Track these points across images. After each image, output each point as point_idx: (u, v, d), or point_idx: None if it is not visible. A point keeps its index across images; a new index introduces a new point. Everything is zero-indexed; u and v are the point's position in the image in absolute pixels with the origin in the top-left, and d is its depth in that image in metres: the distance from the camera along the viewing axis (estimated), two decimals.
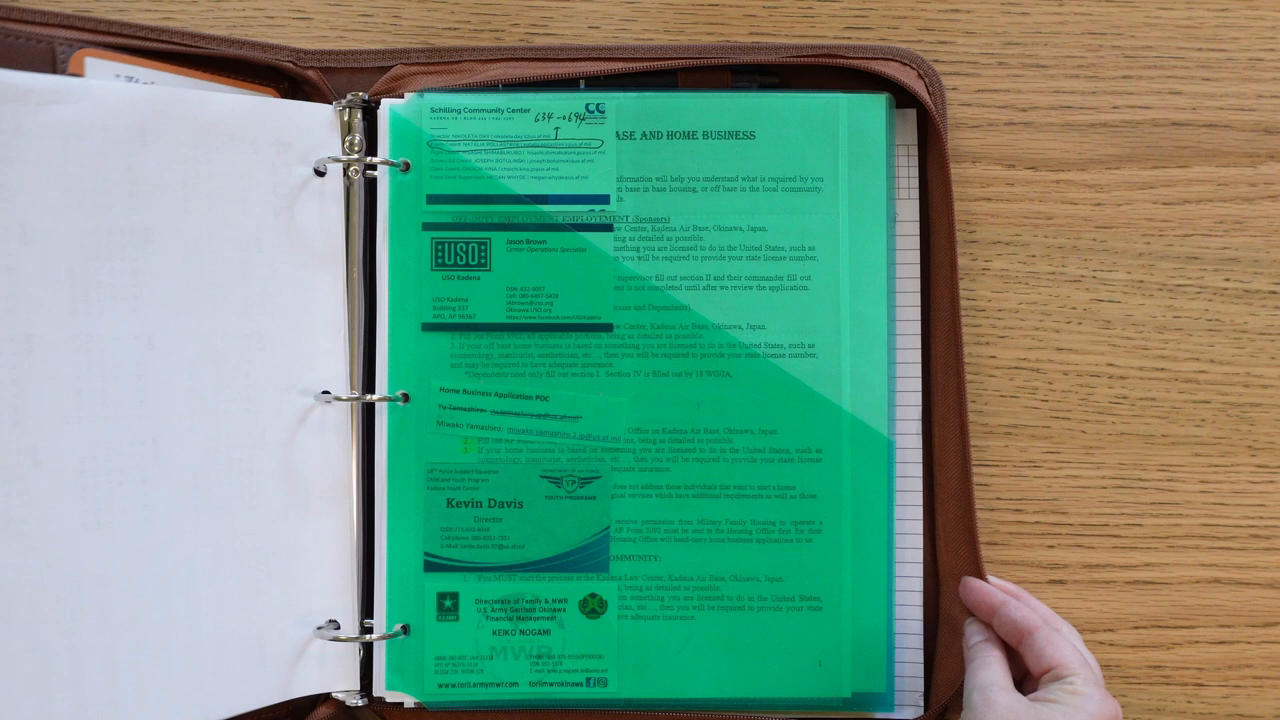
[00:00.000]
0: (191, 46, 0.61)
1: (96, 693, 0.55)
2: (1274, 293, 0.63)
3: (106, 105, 0.56)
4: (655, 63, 0.62)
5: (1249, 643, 0.63)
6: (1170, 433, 0.63)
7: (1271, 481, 0.63)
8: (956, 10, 0.64)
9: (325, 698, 0.60)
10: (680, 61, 0.62)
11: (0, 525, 0.53)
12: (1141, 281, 0.63)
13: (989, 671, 0.55)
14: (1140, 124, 0.64)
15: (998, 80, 0.64)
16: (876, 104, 0.61)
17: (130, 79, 0.59)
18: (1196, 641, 0.60)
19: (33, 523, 0.54)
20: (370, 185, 0.61)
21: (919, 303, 0.62)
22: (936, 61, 0.64)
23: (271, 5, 0.63)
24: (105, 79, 0.59)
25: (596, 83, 0.62)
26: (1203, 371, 0.63)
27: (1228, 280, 0.63)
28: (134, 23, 0.61)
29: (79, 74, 0.59)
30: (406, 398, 0.60)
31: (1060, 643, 0.55)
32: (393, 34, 0.64)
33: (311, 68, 0.62)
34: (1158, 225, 0.64)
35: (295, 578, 0.59)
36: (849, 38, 0.64)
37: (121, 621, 0.56)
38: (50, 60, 0.58)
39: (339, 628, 0.60)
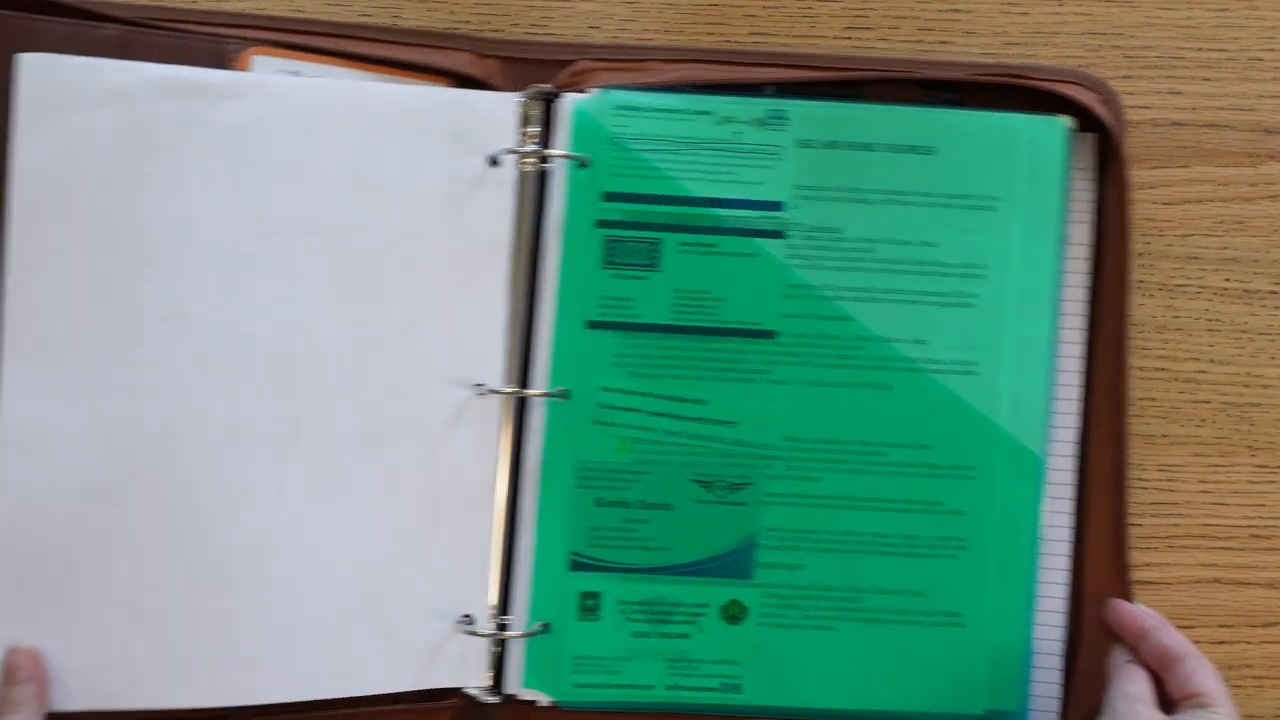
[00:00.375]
0: (370, 39, 0.61)
1: (211, 652, 0.57)
2: (1274, 293, 0.63)
3: (279, 100, 0.58)
4: (843, 73, 0.62)
5: (1249, 643, 0.63)
6: (1170, 433, 0.63)
7: (1271, 481, 0.63)
8: (956, 10, 0.64)
9: (454, 691, 0.60)
10: (867, 73, 0.62)
11: (140, 490, 0.57)
12: (1141, 281, 0.63)
13: (1137, 686, 0.56)
14: (1140, 124, 0.64)
15: None
16: (1057, 128, 0.60)
17: (296, 74, 0.60)
18: (1196, 641, 0.60)
19: (170, 490, 0.57)
20: (539, 179, 0.60)
21: (1084, 325, 0.61)
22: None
23: (271, 5, 0.63)
24: (273, 74, 0.59)
25: (782, 89, 0.61)
26: (1203, 371, 0.63)
27: (1228, 280, 0.63)
28: (308, 18, 0.62)
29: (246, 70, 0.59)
30: (566, 394, 0.60)
31: (1207, 673, 0.56)
32: None
33: (493, 56, 0.62)
34: (1158, 225, 0.64)
35: (434, 569, 0.59)
36: (849, 38, 0.64)
37: (243, 592, 0.57)
38: (219, 59, 0.59)
39: (474, 623, 0.60)
